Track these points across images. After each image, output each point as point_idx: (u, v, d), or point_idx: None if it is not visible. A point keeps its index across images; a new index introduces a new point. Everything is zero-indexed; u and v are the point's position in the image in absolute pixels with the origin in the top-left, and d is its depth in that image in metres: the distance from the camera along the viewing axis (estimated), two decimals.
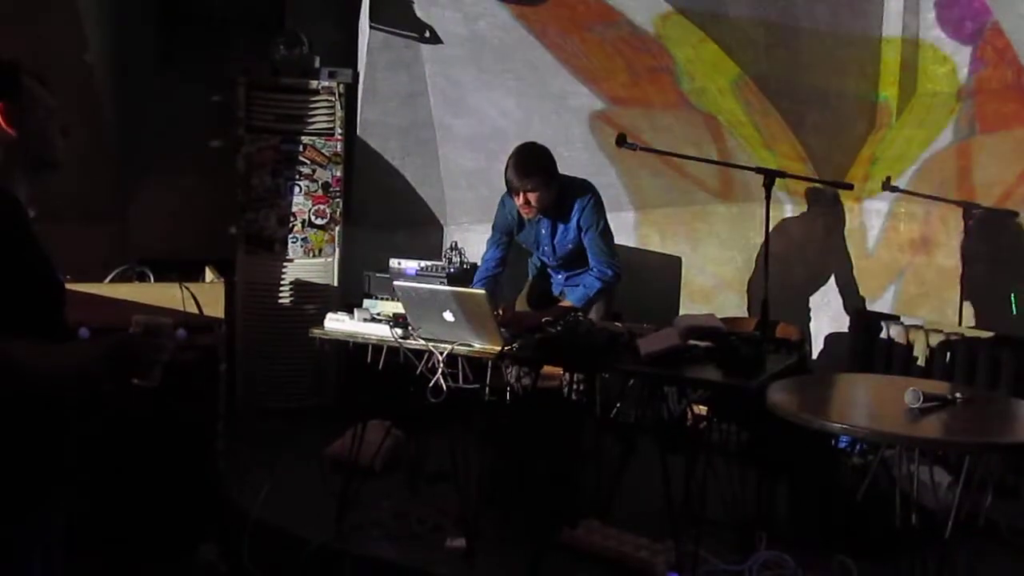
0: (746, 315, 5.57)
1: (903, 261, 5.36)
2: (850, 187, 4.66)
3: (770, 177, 4.06)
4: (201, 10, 5.27)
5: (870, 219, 5.49)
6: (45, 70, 2.27)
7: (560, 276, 4.86)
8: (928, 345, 4.80)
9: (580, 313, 4.28)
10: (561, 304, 4.54)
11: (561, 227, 4.61)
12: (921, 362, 4.82)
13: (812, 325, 5.68)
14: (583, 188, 4.60)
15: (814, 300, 5.73)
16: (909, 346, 4.89)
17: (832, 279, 5.67)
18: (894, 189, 5.18)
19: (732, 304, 5.84)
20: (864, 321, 5.19)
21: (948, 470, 4.13)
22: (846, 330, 5.47)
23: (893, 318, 5.08)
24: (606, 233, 4.60)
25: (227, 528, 4.17)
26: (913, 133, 5.24)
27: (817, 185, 5.47)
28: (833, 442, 4.40)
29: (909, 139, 5.28)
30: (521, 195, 4.43)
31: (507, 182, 4.47)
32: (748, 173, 4.71)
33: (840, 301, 5.61)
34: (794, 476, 4.15)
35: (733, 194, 5.82)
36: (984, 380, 4.51)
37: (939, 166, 5.17)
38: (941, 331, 4.81)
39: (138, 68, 5.76)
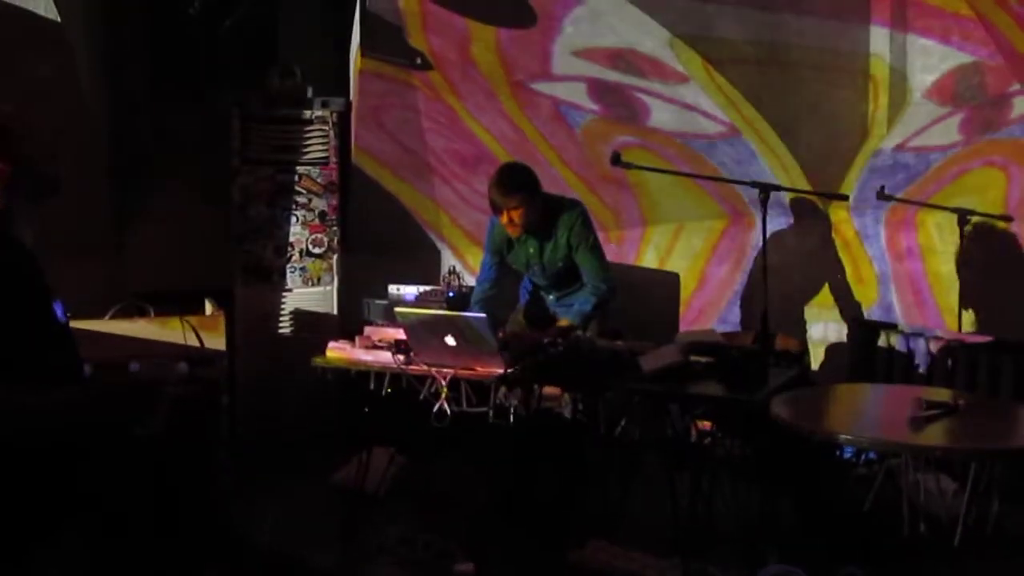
0: (746, 329, 5.58)
1: (900, 269, 5.38)
2: (845, 198, 4.69)
3: (766, 191, 4.08)
4: (193, 43, 5.31)
5: (865, 229, 5.51)
6: (37, 105, 2.24)
7: (551, 296, 4.87)
8: (928, 352, 4.80)
9: (580, 332, 4.29)
10: (559, 324, 4.54)
11: (548, 245, 4.63)
12: (922, 370, 4.82)
13: (811, 336, 5.69)
14: (570, 205, 4.64)
15: (812, 311, 5.74)
16: (909, 354, 4.89)
17: (829, 290, 5.68)
18: (888, 198, 5.20)
19: (731, 318, 5.86)
20: (863, 330, 5.19)
21: (953, 477, 4.13)
22: (845, 340, 5.48)
23: (891, 326, 5.08)
24: (596, 249, 4.62)
25: (234, 558, 4.15)
26: (905, 142, 5.27)
27: (812, 197, 5.49)
28: (838, 453, 4.41)
29: (902, 148, 5.30)
30: (504, 213, 4.48)
31: (490, 201, 4.52)
32: (742, 187, 4.74)
33: (838, 311, 5.62)
34: (800, 488, 4.15)
35: (729, 208, 5.84)
36: (985, 386, 4.51)
37: (933, 174, 5.19)
38: (941, 338, 4.81)
39: (131, 101, 5.78)
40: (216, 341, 4.52)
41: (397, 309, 3.98)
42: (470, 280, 5.48)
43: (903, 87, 5.15)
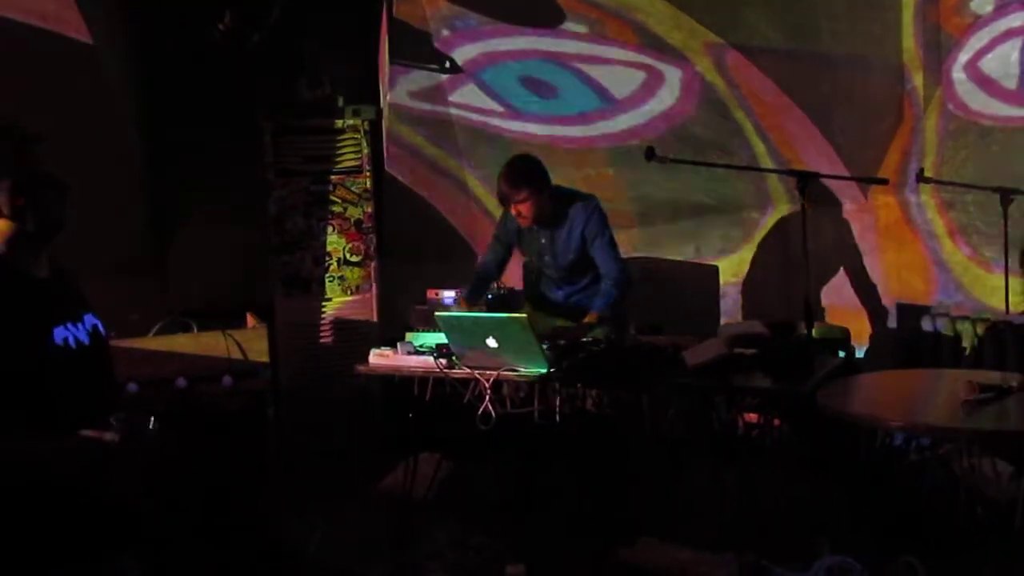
0: (789, 319, 5.52)
1: (943, 252, 5.31)
2: (885, 182, 4.61)
3: (803, 179, 4.03)
4: (223, 58, 5.34)
5: (906, 212, 5.44)
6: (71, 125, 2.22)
7: (560, 293, 4.85)
8: (976, 335, 4.73)
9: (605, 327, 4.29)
10: (587, 320, 4.51)
11: (561, 236, 4.63)
12: (969, 353, 4.75)
13: (856, 323, 5.62)
14: (584, 198, 4.65)
15: (856, 298, 5.67)
16: (956, 337, 4.82)
17: (873, 275, 5.61)
18: (928, 180, 5.12)
19: (773, 309, 5.79)
20: (909, 315, 5.13)
21: (1009, 461, 4.06)
22: (891, 326, 5.41)
23: (938, 310, 5.01)
24: (613, 242, 4.64)
25: (283, 569, 4.17)
26: (943, 120, 5.19)
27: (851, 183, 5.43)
28: (888, 440, 4.35)
29: (940, 127, 5.23)
30: (513, 206, 4.49)
31: (499, 193, 4.55)
32: (779, 176, 4.70)
33: (882, 297, 5.55)
34: (852, 478, 4.10)
35: (766, 198, 5.78)
36: None
37: (973, 153, 5.11)
38: (989, 319, 4.74)
39: (164, 119, 5.83)
40: (260, 354, 4.56)
41: (437, 313, 3.97)
42: (508, 281, 5.46)
43: (938, 65, 5.08)
